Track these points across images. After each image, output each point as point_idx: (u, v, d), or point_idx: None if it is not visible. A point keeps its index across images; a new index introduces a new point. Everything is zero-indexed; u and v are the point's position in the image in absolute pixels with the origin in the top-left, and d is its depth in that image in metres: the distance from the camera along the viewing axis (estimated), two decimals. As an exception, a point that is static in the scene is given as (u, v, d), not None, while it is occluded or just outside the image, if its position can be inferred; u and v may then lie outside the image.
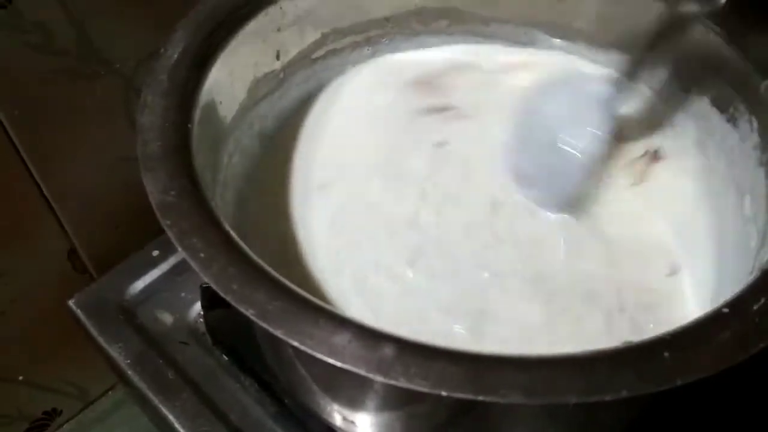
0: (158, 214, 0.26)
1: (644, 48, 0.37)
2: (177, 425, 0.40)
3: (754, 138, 0.34)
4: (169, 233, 0.26)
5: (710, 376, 0.23)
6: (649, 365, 0.23)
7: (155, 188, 0.27)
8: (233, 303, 0.24)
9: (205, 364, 0.42)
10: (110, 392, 0.64)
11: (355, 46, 0.43)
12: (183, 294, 0.46)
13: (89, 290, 0.46)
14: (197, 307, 0.45)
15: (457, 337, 0.33)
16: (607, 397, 0.22)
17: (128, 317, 0.44)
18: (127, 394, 0.48)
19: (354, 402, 0.34)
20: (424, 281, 0.35)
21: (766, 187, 0.33)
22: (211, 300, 0.41)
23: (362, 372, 0.22)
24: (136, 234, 0.47)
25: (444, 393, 0.22)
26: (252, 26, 0.36)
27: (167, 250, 0.47)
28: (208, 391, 0.41)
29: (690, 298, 0.34)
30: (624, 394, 0.22)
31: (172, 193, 0.27)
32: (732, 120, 0.36)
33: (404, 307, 0.35)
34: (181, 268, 0.46)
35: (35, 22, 0.41)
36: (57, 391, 0.60)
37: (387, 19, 0.42)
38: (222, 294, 0.24)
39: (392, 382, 0.22)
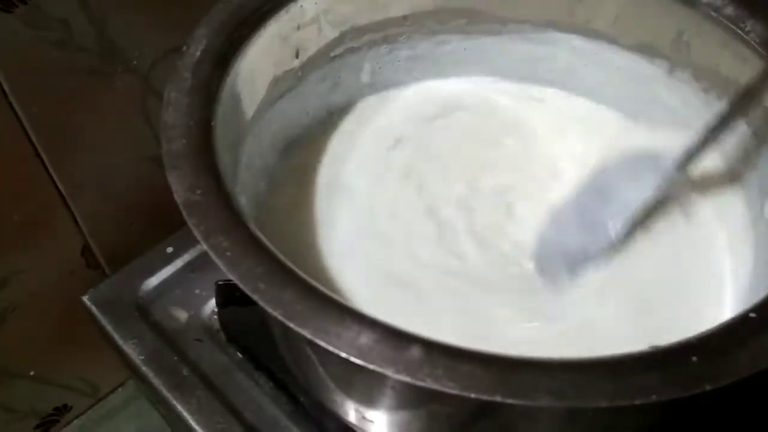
0: (184, 213, 0.26)
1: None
2: (192, 422, 0.40)
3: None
4: (195, 232, 0.26)
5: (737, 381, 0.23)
6: (677, 370, 0.23)
7: (180, 187, 0.27)
8: (261, 303, 0.24)
9: (220, 362, 0.42)
10: (120, 388, 0.64)
11: (373, 44, 0.43)
12: (197, 291, 0.46)
13: (103, 286, 0.46)
14: (212, 304, 0.45)
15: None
16: (636, 402, 0.22)
17: (142, 314, 0.45)
18: (141, 390, 0.48)
19: (371, 400, 0.34)
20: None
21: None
22: (225, 297, 0.41)
23: (390, 373, 0.22)
24: (151, 231, 0.47)
25: (473, 395, 0.22)
26: (273, 24, 0.36)
27: (181, 247, 0.47)
28: (223, 388, 0.41)
29: (728, 301, 0.34)
30: (653, 398, 0.22)
31: (198, 191, 0.27)
32: (751, 122, 0.36)
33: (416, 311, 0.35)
34: (195, 265, 0.47)
35: (55, 18, 0.41)
36: (67, 387, 0.60)
37: (405, 18, 0.42)
38: (249, 294, 0.24)
39: (420, 383, 0.22)
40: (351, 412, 0.36)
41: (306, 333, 0.23)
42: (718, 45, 0.37)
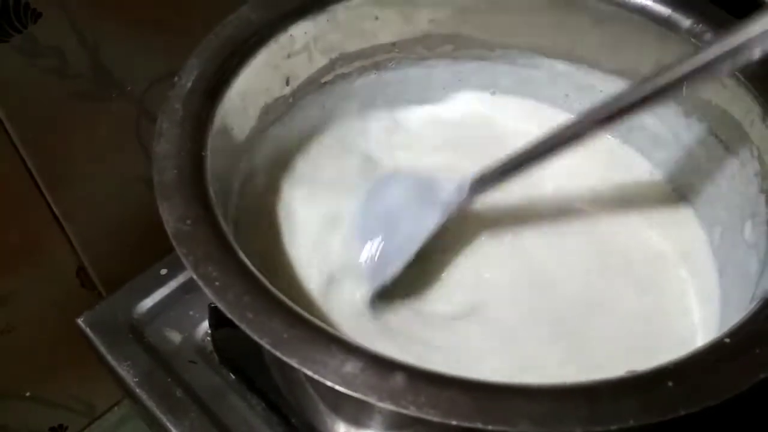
0: (174, 243, 0.27)
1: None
2: (185, 444, 0.40)
3: (755, 165, 0.35)
4: (185, 262, 0.26)
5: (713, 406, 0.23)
6: (653, 395, 0.23)
7: (171, 217, 0.28)
8: (248, 331, 0.25)
9: (213, 383, 0.43)
10: (116, 408, 0.64)
11: (363, 70, 0.43)
12: (191, 312, 0.46)
13: (98, 308, 0.46)
14: (205, 325, 0.45)
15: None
16: (613, 427, 0.22)
17: (137, 335, 0.45)
18: (135, 411, 0.48)
19: (360, 423, 0.35)
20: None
21: (766, 212, 0.33)
22: (219, 319, 0.42)
23: (374, 401, 0.23)
24: (145, 252, 0.48)
25: (454, 422, 0.22)
26: (263, 54, 0.37)
27: (176, 269, 0.47)
28: (216, 409, 0.42)
29: (698, 324, 0.35)
30: (630, 423, 0.22)
31: (188, 221, 0.28)
32: (731, 147, 0.37)
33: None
34: (189, 287, 0.47)
35: (49, 47, 0.42)
36: (64, 407, 0.61)
37: (393, 45, 0.43)
38: (237, 322, 0.25)
39: (403, 411, 0.23)
40: (340, 433, 0.36)
41: (293, 362, 0.24)
42: (698, 70, 0.38)
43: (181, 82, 0.33)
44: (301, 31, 0.38)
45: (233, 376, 0.43)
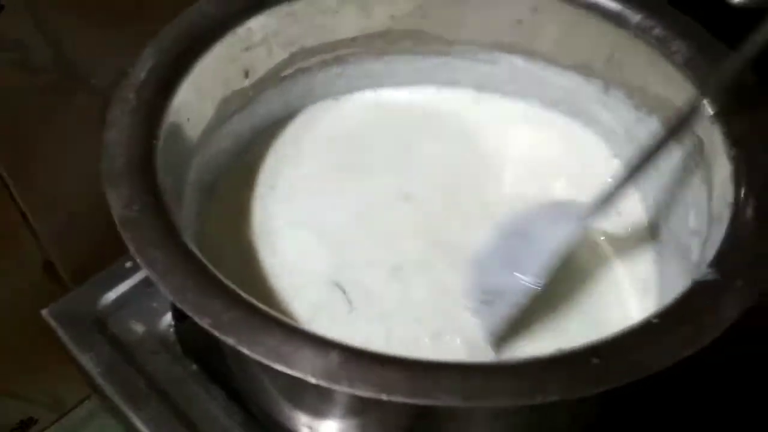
0: (119, 228, 0.27)
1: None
2: (147, 433, 0.41)
3: (697, 156, 0.36)
4: (129, 246, 0.27)
5: (642, 380, 0.24)
6: (579, 371, 0.24)
7: (117, 203, 0.28)
8: (189, 313, 0.25)
9: (175, 374, 0.43)
10: (86, 402, 0.64)
11: (323, 64, 0.44)
12: (154, 304, 0.46)
13: (63, 301, 0.46)
14: (168, 317, 0.45)
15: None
16: (537, 401, 0.23)
17: (100, 327, 0.45)
18: (100, 401, 0.49)
19: (316, 411, 0.35)
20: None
21: (707, 202, 0.34)
22: (181, 310, 0.42)
23: (308, 378, 0.24)
24: (112, 246, 0.48)
25: (384, 397, 0.23)
26: (221, 46, 0.37)
27: (140, 262, 0.48)
28: (178, 400, 0.42)
29: (633, 306, 0.36)
30: (554, 397, 0.23)
31: (135, 207, 0.28)
32: (677, 137, 0.38)
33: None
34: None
35: (12, 39, 0.42)
36: (32, 400, 0.61)
37: (354, 39, 0.44)
38: (178, 304, 0.25)
39: (336, 387, 0.23)
40: (299, 423, 0.37)
41: (231, 341, 0.25)
42: (647, 64, 0.39)
43: (135, 72, 0.34)
44: (259, 24, 0.39)
45: (195, 367, 0.43)
